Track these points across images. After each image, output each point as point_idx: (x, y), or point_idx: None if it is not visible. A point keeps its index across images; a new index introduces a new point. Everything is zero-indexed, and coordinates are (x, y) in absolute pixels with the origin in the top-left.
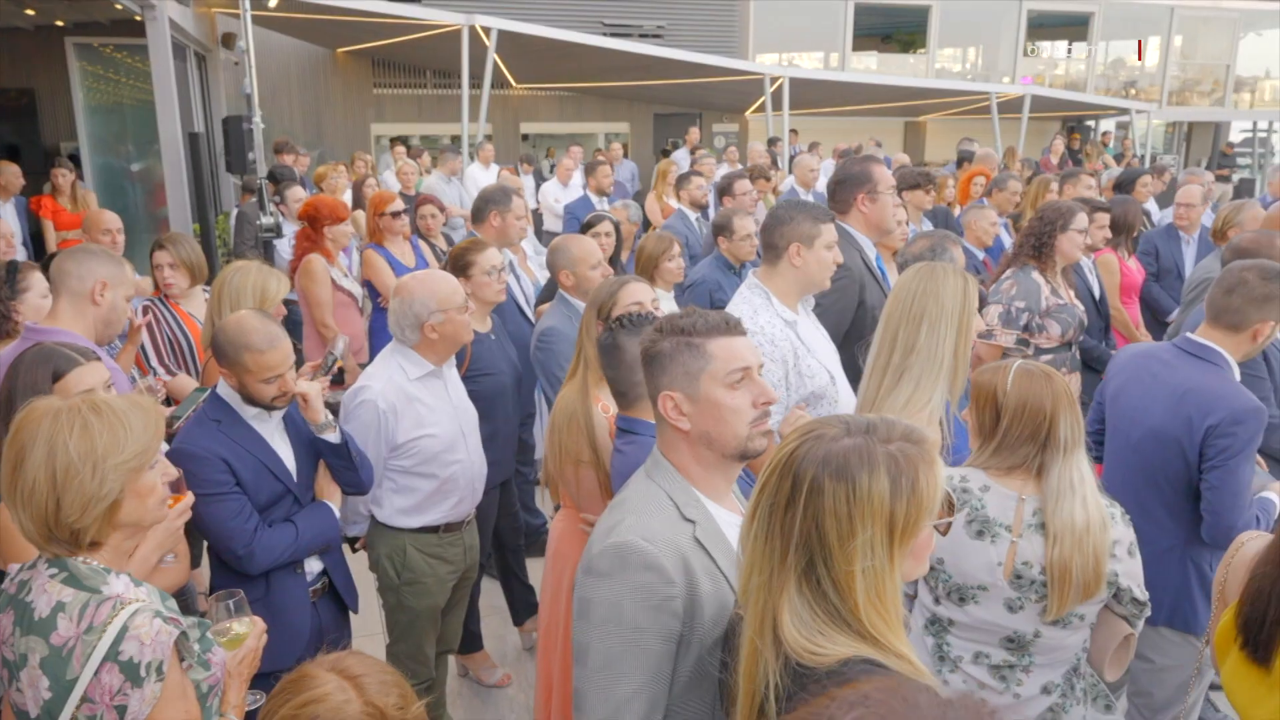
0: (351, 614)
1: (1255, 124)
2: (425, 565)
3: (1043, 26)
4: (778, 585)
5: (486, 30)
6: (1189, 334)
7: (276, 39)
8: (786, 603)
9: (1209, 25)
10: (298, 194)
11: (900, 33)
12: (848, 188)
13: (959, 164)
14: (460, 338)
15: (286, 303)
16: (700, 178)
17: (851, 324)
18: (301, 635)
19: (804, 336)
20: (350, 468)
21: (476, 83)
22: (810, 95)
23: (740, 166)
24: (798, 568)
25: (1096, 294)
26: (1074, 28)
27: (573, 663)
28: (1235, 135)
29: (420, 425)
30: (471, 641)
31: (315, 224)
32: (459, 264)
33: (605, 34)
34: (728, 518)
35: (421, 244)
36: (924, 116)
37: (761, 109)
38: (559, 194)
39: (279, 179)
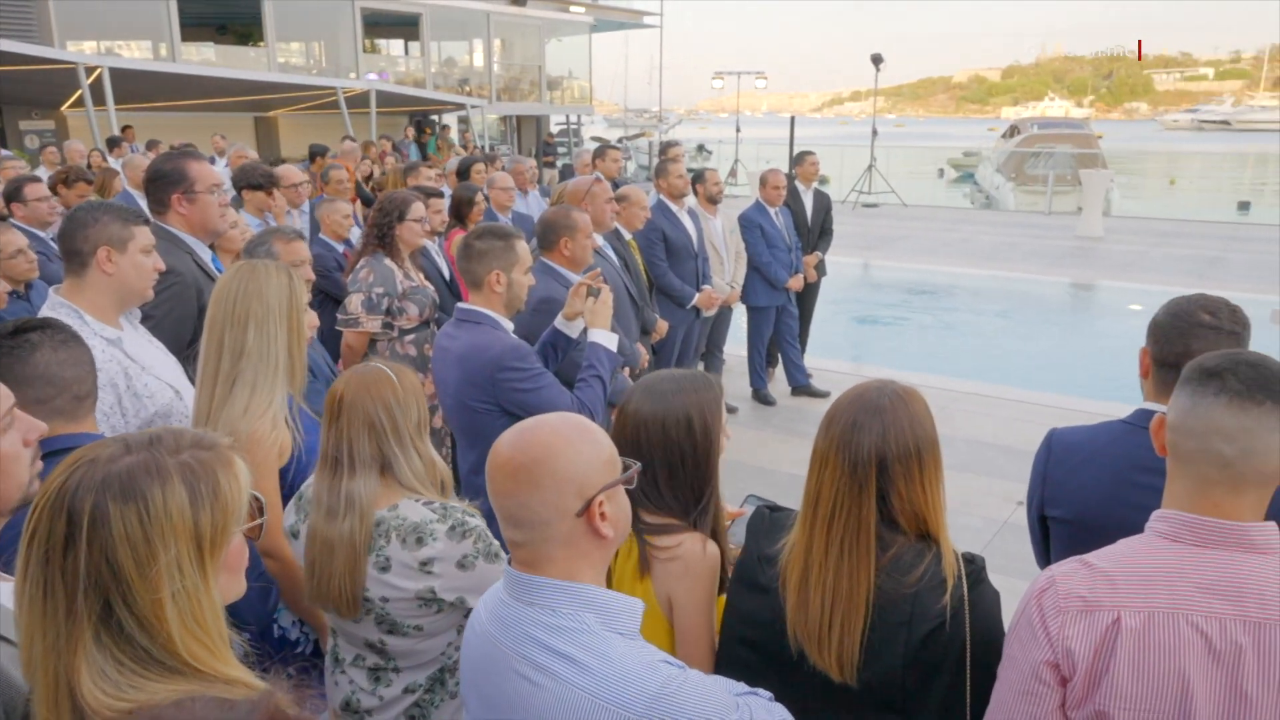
0: None
1: (568, 117)
2: None
3: (379, 25)
4: (69, 645)
5: None
6: (459, 303)
7: None
8: (84, 662)
9: (522, 30)
10: None
11: (235, 24)
12: (162, 187)
13: (311, 159)
14: None
15: None
16: None
17: (195, 333)
18: None
19: (134, 353)
20: None
21: None
22: (140, 88)
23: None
24: (92, 616)
25: (447, 275)
26: (406, 27)
27: None
28: (554, 127)
29: None
30: None
31: None
32: None
33: None
34: (5, 587)
35: None
36: (274, 111)
37: (81, 103)
38: None
39: None
